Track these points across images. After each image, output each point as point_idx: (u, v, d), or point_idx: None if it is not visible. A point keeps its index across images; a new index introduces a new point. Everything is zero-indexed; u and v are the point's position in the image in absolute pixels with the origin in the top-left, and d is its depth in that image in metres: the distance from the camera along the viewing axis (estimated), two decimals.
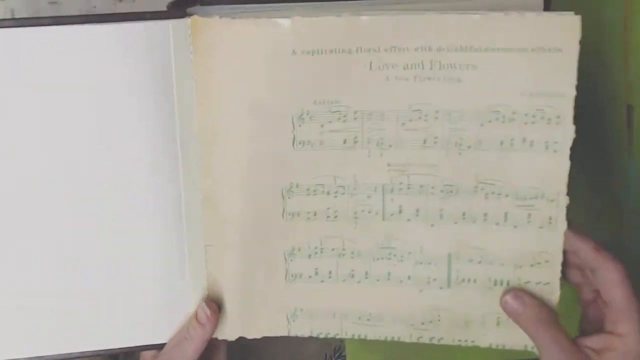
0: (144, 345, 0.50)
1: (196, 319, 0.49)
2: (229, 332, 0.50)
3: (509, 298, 0.47)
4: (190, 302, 0.50)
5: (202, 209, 0.48)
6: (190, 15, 0.45)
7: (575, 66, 0.44)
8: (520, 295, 0.47)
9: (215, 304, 0.49)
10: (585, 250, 0.46)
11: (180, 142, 0.47)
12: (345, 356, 0.65)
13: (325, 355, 0.67)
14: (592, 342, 0.46)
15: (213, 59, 0.45)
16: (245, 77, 0.46)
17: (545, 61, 0.44)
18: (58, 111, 0.45)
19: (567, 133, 0.45)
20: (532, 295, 0.47)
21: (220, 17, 0.44)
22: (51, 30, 0.43)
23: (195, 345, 0.49)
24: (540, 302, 0.47)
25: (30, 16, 0.61)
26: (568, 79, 0.44)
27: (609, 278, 0.45)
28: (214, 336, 0.50)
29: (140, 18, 0.44)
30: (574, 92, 0.44)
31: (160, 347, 0.50)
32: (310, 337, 0.51)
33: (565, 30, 0.43)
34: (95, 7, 0.63)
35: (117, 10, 0.63)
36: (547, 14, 0.43)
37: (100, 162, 0.47)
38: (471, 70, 0.45)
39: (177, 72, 0.45)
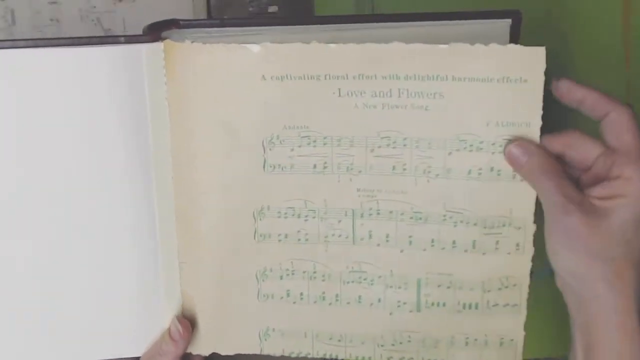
0: (119, 359, 0.54)
1: (169, 335, 0.52)
2: (202, 347, 0.54)
3: (512, 147, 0.46)
4: (165, 317, 0.54)
5: (176, 227, 0.51)
6: (163, 39, 0.48)
7: (541, 96, 0.46)
8: (524, 144, 0.46)
9: (187, 321, 0.53)
10: (593, 96, 0.45)
11: (155, 162, 0.50)
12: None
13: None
14: (598, 191, 0.44)
15: (186, 82, 0.48)
16: (217, 100, 0.49)
17: (511, 91, 0.46)
18: (33, 130, 0.49)
19: None
20: (537, 145, 0.46)
21: (192, 42, 0.47)
22: (27, 52, 0.46)
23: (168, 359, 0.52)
24: (546, 152, 0.46)
25: (28, 19, 0.63)
26: (534, 109, 0.47)
27: (619, 121, 0.44)
28: (188, 351, 0.53)
29: (115, 42, 0.47)
30: (539, 122, 0.47)
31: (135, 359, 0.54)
32: None
33: (531, 61, 0.46)
34: (95, 7, 0.65)
35: (117, 10, 0.65)
36: (512, 45, 0.46)
37: (74, 180, 0.50)
38: (438, 99, 0.47)
39: (151, 94, 0.49)
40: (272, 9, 0.62)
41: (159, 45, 0.48)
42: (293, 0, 0.63)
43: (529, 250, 0.49)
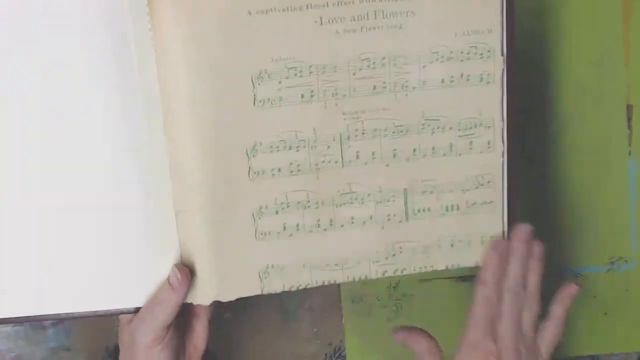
0: (120, 309, 0.59)
1: (168, 283, 0.56)
2: (202, 296, 0.59)
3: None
4: (165, 268, 0.58)
5: (170, 173, 0.55)
6: None
7: (499, 2, 0.56)
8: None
9: (186, 268, 0.56)
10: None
11: (145, 109, 0.54)
12: (345, 356, 0.74)
13: (325, 355, 0.75)
14: None
15: (171, 20, 0.52)
16: (204, 38, 0.54)
17: (473, 2, 0.55)
18: (16, 70, 0.53)
19: (497, 64, 0.58)
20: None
21: None
22: None
23: (166, 309, 0.57)
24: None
25: None
26: (493, 15, 0.57)
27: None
28: (187, 301, 0.59)
29: None
30: (500, 27, 0.57)
31: (136, 311, 0.59)
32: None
33: None
34: None
35: None
36: None
37: (62, 133, 0.55)
38: (410, 16, 0.56)
39: (137, 35, 0.52)
40: None
41: None
42: None
43: (499, 146, 0.60)
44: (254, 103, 0.55)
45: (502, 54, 0.58)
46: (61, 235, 0.57)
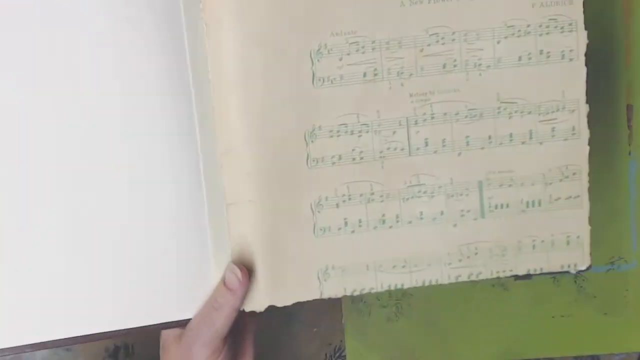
0: (164, 323, 0.54)
1: (225, 284, 0.52)
2: (256, 301, 0.55)
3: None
4: (213, 271, 0.54)
5: (221, 163, 0.52)
6: None
7: None
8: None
9: (244, 267, 0.52)
10: None
11: (195, 94, 0.50)
12: (345, 356, 0.72)
13: (325, 355, 0.73)
14: None
15: None
16: (258, 12, 0.51)
17: None
18: (60, 53, 0.50)
19: (580, 39, 0.54)
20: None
21: None
22: None
23: (225, 315, 0.53)
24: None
25: None
26: None
27: None
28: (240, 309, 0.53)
29: None
30: None
31: (184, 323, 0.54)
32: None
33: None
34: None
35: None
36: None
37: (108, 122, 0.51)
38: None
39: (187, 16, 0.49)
40: None
41: None
42: None
43: (585, 133, 0.56)
44: (313, 82, 0.52)
45: (585, 28, 0.54)
46: (98, 242, 0.52)
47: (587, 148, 0.56)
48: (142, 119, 0.52)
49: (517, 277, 0.55)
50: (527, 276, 0.55)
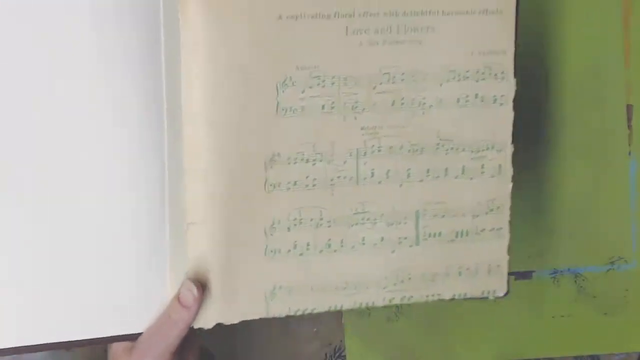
0: (116, 336, 0.55)
1: (179, 301, 0.53)
2: (206, 317, 0.58)
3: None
4: (168, 286, 0.56)
5: (186, 184, 0.55)
6: None
7: (513, 25, 0.60)
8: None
9: (199, 283, 0.55)
10: None
11: (167, 113, 0.53)
12: (345, 356, 0.74)
13: (325, 355, 0.75)
14: None
15: (200, 25, 0.53)
16: (232, 42, 0.55)
17: (489, 22, 0.60)
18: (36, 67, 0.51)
19: (510, 86, 0.61)
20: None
21: None
22: None
23: (177, 330, 0.55)
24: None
25: None
26: (508, 37, 0.61)
27: None
28: None
29: None
30: (513, 49, 0.60)
31: (134, 337, 0.56)
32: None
33: None
34: None
35: None
36: None
37: (76, 133, 0.53)
38: (430, 32, 0.59)
39: (166, 38, 0.52)
40: None
41: None
42: None
43: (509, 171, 0.63)
44: (277, 111, 0.56)
45: (515, 76, 0.61)
46: (55, 252, 0.53)
47: (510, 185, 0.63)
48: (112, 132, 0.53)
49: (517, 277, 0.58)
50: (528, 276, 0.58)
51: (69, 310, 0.54)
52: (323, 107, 0.58)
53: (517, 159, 0.59)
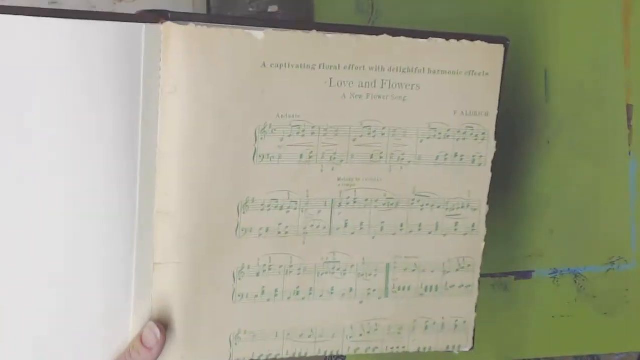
0: None
1: (141, 342, 0.54)
2: (168, 358, 0.57)
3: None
4: (132, 324, 0.56)
5: (155, 224, 0.55)
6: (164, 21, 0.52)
7: (499, 88, 0.61)
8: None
9: (162, 326, 0.55)
10: None
11: (142, 152, 0.53)
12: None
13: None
14: None
15: (183, 66, 0.54)
16: (214, 86, 0.55)
17: (475, 83, 0.61)
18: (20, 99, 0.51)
19: (490, 148, 0.62)
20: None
21: (195, 25, 0.51)
22: (19, 20, 0.48)
23: None
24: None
25: None
26: (492, 100, 0.62)
27: None
28: None
29: (115, 19, 0.50)
30: (496, 111, 0.61)
31: None
32: None
33: (493, 57, 0.60)
34: (95, 6, 0.73)
35: (117, 10, 0.72)
36: (479, 42, 0.59)
37: (52, 167, 0.52)
38: (415, 90, 0.59)
39: (145, 78, 0.53)
40: (272, 8, 0.70)
41: (158, 27, 0.52)
42: None
43: (482, 231, 0.63)
44: (253, 157, 0.56)
45: (495, 139, 0.62)
46: (19, 285, 0.53)
47: (483, 244, 0.64)
48: (84, 164, 0.53)
49: (517, 277, 0.58)
50: (528, 276, 0.58)
51: (31, 344, 0.54)
52: (301, 156, 0.58)
53: (518, 160, 0.57)
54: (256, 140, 0.57)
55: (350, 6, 0.71)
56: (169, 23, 0.53)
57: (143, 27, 0.52)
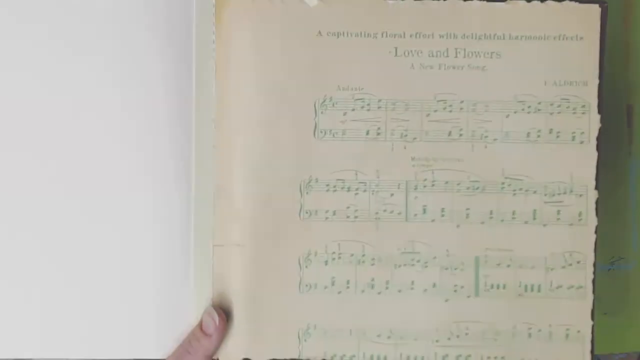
0: None
1: (201, 328, 0.53)
2: (231, 351, 0.56)
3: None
4: (193, 312, 0.56)
5: (213, 203, 0.54)
6: None
7: (597, 54, 0.55)
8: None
9: (223, 312, 0.53)
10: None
11: (196, 130, 0.54)
12: None
13: None
14: None
15: (235, 37, 0.54)
16: (268, 58, 0.55)
17: (568, 49, 0.55)
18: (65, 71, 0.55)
19: (593, 122, 0.56)
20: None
21: None
22: None
23: (198, 358, 0.53)
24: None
25: None
26: (591, 67, 0.56)
27: None
28: (214, 357, 0.55)
29: None
30: (597, 80, 0.55)
31: None
32: None
33: (587, 18, 0.55)
34: None
35: None
36: (568, 2, 0.54)
37: (103, 149, 0.55)
38: (495, 58, 0.55)
39: (198, 52, 0.53)
40: None
41: None
42: None
43: (593, 220, 0.56)
44: (314, 133, 0.55)
45: (599, 112, 0.56)
46: (81, 270, 0.56)
47: (594, 237, 0.57)
48: (139, 147, 0.55)
49: None
50: None
51: (91, 330, 0.55)
52: (368, 132, 0.56)
53: None
54: (316, 115, 0.56)
55: None
56: None
57: None
